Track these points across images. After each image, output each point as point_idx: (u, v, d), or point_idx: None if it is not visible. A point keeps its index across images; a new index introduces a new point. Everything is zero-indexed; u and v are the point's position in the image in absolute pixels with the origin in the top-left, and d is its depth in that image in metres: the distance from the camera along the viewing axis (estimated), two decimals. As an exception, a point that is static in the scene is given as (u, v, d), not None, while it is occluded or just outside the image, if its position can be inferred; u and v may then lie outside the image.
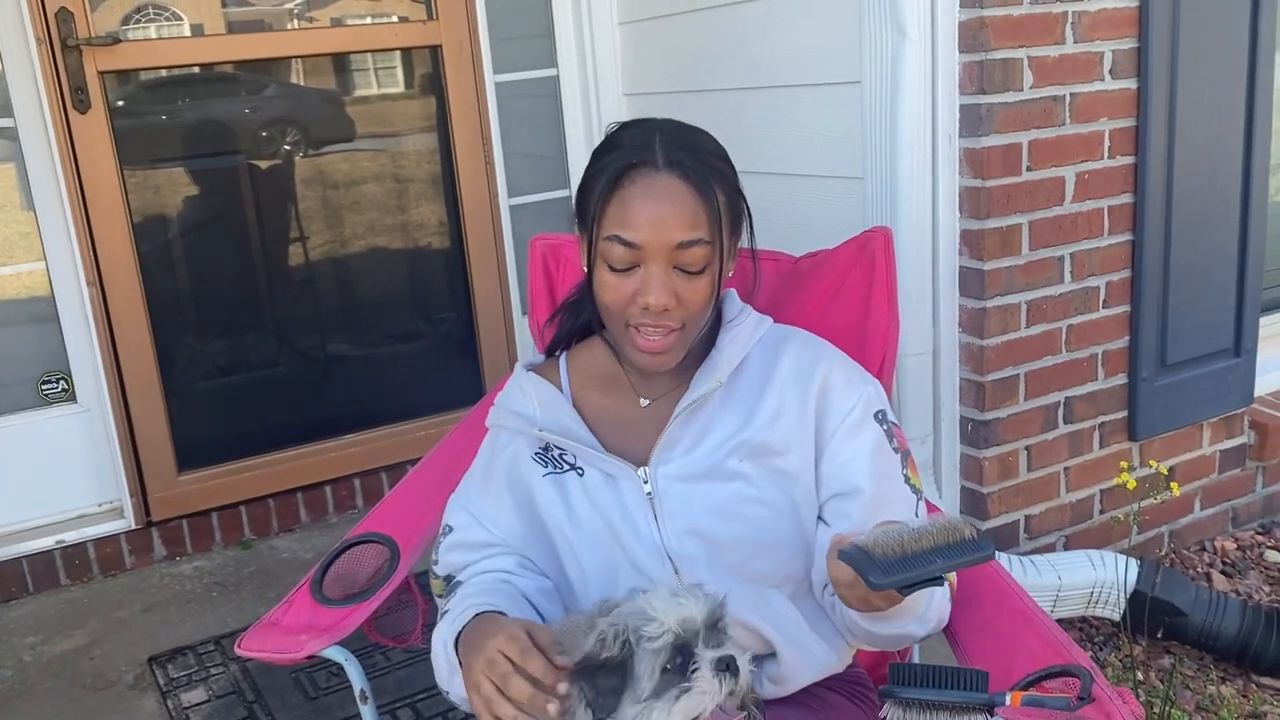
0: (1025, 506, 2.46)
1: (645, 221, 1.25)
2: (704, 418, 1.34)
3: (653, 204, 1.25)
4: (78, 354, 2.83)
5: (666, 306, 1.26)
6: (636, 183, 1.26)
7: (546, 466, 1.37)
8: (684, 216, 1.25)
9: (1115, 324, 2.48)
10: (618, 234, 1.26)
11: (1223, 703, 2.20)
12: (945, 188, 2.26)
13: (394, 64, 3.19)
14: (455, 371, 3.29)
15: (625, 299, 1.28)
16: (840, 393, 1.35)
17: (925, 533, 1.09)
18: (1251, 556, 2.76)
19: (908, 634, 1.29)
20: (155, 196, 2.90)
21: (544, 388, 1.40)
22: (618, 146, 1.30)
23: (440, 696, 2.21)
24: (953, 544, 1.08)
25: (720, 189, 1.29)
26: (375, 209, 3.17)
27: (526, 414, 1.38)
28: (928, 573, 1.06)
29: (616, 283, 1.28)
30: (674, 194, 1.25)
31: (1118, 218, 2.42)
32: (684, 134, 1.32)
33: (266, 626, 1.45)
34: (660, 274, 1.26)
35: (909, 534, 1.09)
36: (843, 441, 1.33)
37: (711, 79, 2.78)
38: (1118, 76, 2.34)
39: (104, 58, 2.71)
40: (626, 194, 1.26)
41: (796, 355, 1.37)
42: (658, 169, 1.26)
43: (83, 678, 2.42)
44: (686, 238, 1.25)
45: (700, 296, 1.29)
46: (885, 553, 1.08)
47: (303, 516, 3.08)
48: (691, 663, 1.10)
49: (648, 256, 1.26)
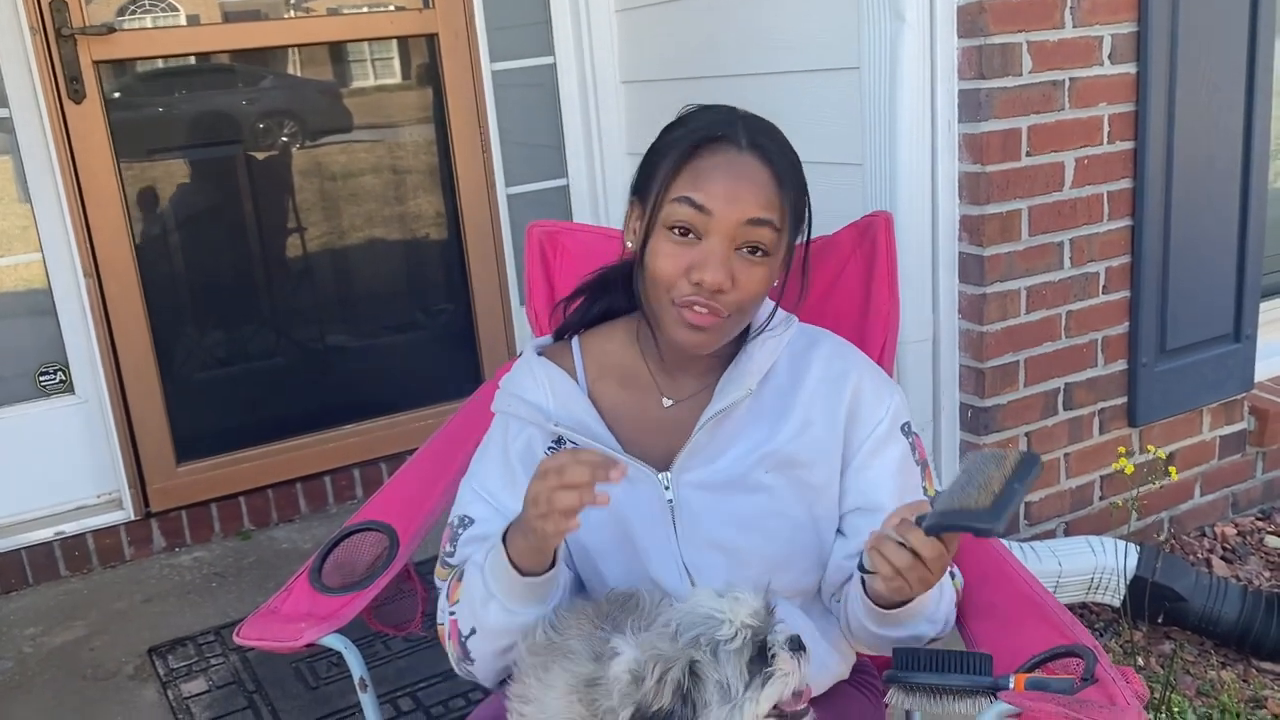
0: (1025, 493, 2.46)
1: (720, 191, 1.21)
2: (730, 426, 1.29)
3: (730, 177, 1.21)
4: (75, 345, 2.82)
5: (721, 286, 1.20)
6: (717, 154, 1.23)
7: None
8: (759, 196, 1.22)
9: (1115, 310, 2.48)
10: (689, 195, 1.21)
11: (1223, 687, 2.20)
12: (944, 173, 2.26)
13: (391, 54, 3.18)
14: (454, 361, 3.28)
15: (679, 271, 1.21)
16: (870, 405, 1.32)
17: (982, 475, 1.10)
18: (1252, 542, 2.76)
19: (917, 635, 1.26)
20: (152, 187, 2.89)
21: (557, 376, 1.33)
22: (694, 119, 1.27)
23: (440, 685, 2.22)
24: (1007, 470, 1.09)
25: (792, 186, 1.26)
26: (373, 199, 3.16)
27: (539, 404, 1.31)
28: (1019, 497, 1.07)
29: (674, 251, 1.22)
30: (753, 172, 1.22)
31: (1117, 203, 2.41)
32: (765, 124, 1.29)
33: (265, 615, 1.44)
34: (721, 251, 1.21)
35: (969, 485, 1.09)
36: (870, 455, 1.31)
37: (709, 66, 2.77)
38: (1117, 61, 2.33)
39: (99, 47, 2.70)
40: (704, 163, 1.22)
41: (826, 363, 1.34)
42: (740, 147, 1.23)
43: (83, 669, 2.41)
44: (760, 215, 1.21)
45: (755, 285, 1.24)
46: (965, 504, 1.08)
47: (302, 507, 3.08)
48: (768, 649, 1.10)
49: (714, 228, 1.21)
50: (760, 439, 1.29)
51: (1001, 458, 1.10)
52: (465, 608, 1.24)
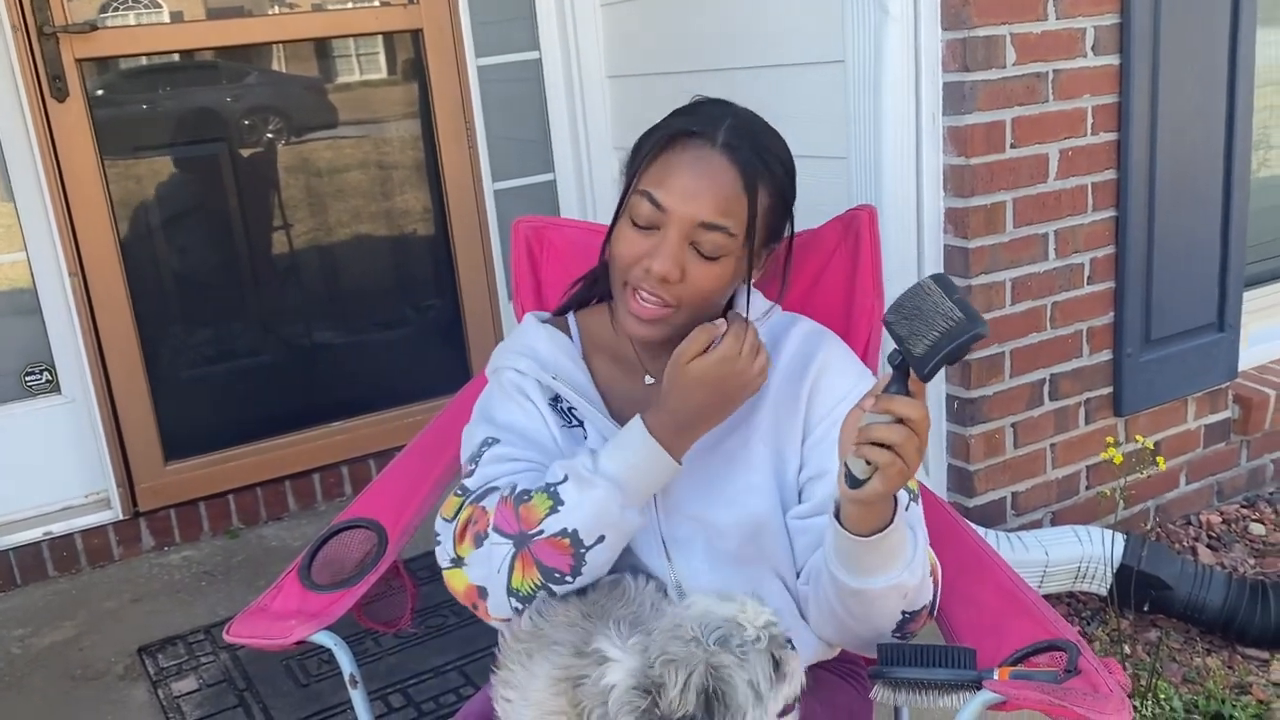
0: (1012, 483, 2.47)
1: (678, 188, 1.25)
2: None
3: (692, 175, 1.25)
4: (61, 345, 2.81)
5: (669, 276, 1.25)
6: (687, 151, 1.26)
7: (558, 418, 1.34)
8: (718, 199, 1.24)
9: (1100, 300, 2.49)
10: (650, 191, 1.26)
11: (1209, 674, 2.22)
12: (929, 166, 2.26)
13: (376, 49, 3.17)
14: (442, 357, 3.28)
15: (634, 256, 1.27)
16: (834, 379, 1.34)
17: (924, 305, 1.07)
18: (1237, 530, 2.78)
19: (897, 583, 1.19)
20: (137, 185, 2.88)
21: (558, 336, 1.39)
22: (689, 113, 1.31)
23: (431, 681, 2.23)
24: (935, 292, 1.07)
25: (766, 191, 1.28)
26: (359, 196, 3.15)
27: (539, 356, 1.35)
28: (968, 303, 1.04)
29: (633, 238, 1.28)
30: (716, 174, 1.25)
31: (1101, 194, 2.42)
32: (755, 126, 1.31)
33: (255, 613, 1.44)
34: (674, 244, 1.25)
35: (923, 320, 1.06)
36: (831, 426, 1.31)
37: (695, 60, 2.77)
38: (1100, 53, 2.34)
39: (81, 45, 2.69)
40: (672, 158, 1.26)
41: (800, 341, 1.37)
42: (712, 145, 1.26)
43: (72, 669, 2.41)
44: (711, 220, 1.25)
45: (705, 282, 1.27)
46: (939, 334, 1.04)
47: (291, 505, 3.08)
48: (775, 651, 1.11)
49: (669, 222, 1.25)
50: (739, 416, 1.31)
51: (922, 289, 1.08)
52: (590, 518, 1.18)
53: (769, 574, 1.32)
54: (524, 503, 1.20)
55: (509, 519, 1.20)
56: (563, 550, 1.19)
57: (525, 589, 1.21)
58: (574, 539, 1.19)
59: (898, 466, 1.08)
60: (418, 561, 2.17)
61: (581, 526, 1.19)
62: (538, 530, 1.19)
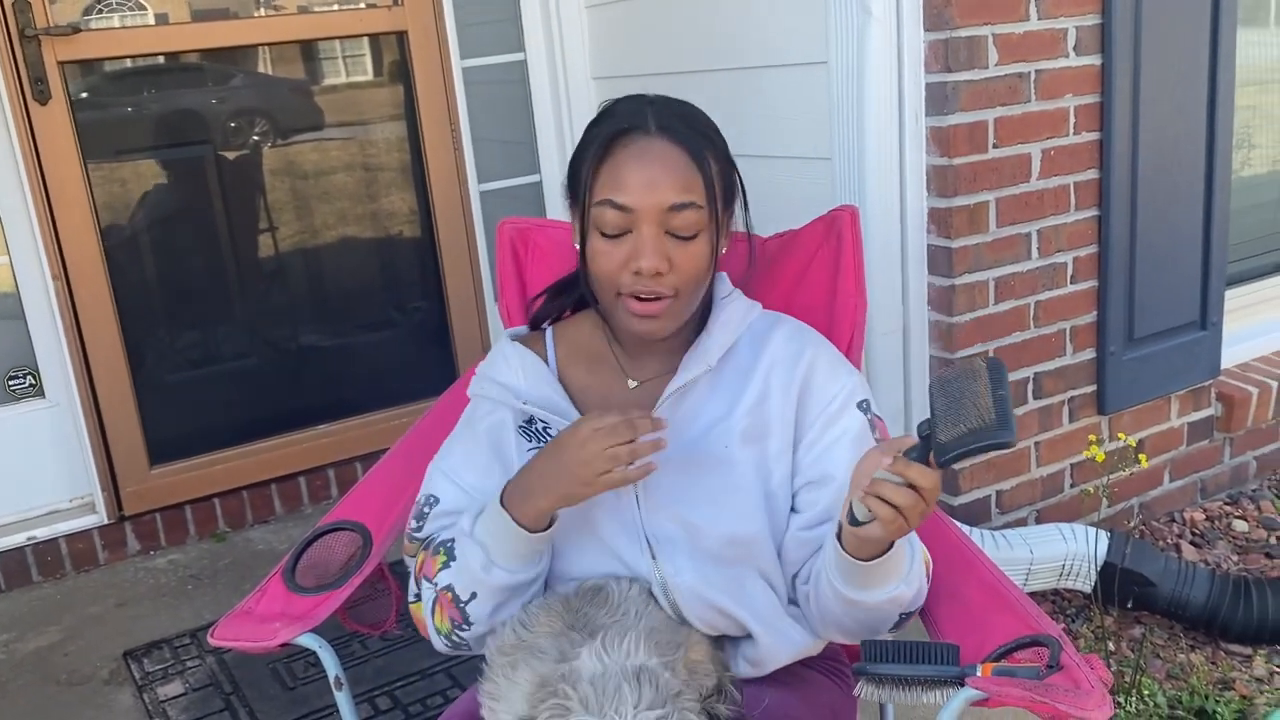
0: (996, 482, 2.48)
1: (636, 184, 1.25)
2: (691, 402, 1.33)
3: (643, 166, 1.25)
4: (44, 349, 2.80)
5: (659, 270, 1.25)
6: (628, 147, 1.26)
7: (530, 441, 1.36)
8: (676, 179, 1.26)
9: (1083, 299, 2.50)
10: (609, 198, 1.26)
11: (1192, 670, 2.23)
12: (912, 166, 2.27)
13: (361, 51, 3.17)
14: (428, 359, 3.28)
15: (618, 265, 1.27)
16: (823, 381, 1.34)
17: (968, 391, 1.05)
18: (1220, 526, 2.79)
19: (895, 596, 1.24)
20: (121, 189, 2.87)
21: (529, 358, 1.39)
22: (609, 116, 1.31)
23: (418, 684, 2.23)
24: (985, 381, 1.05)
25: (712, 158, 1.29)
26: (345, 198, 3.15)
27: (510, 384, 1.37)
28: (1010, 403, 1.03)
29: (609, 249, 1.27)
30: (665, 157, 1.26)
31: (1084, 193, 2.43)
32: (675, 104, 1.33)
33: (239, 616, 1.44)
34: (653, 237, 1.25)
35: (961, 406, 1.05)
36: (822, 430, 1.33)
37: (679, 61, 2.78)
38: (1082, 53, 2.35)
39: (64, 48, 2.68)
40: (618, 159, 1.26)
41: (785, 342, 1.37)
42: (649, 133, 1.27)
43: (57, 674, 2.40)
44: (679, 200, 1.25)
45: (694, 263, 1.28)
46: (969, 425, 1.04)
47: (277, 508, 3.07)
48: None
49: (639, 220, 1.25)
50: (720, 414, 1.33)
51: (974, 372, 1.07)
52: (463, 576, 1.28)
53: (753, 573, 1.33)
54: (432, 557, 1.31)
55: (429, 568, 1.32)
56: (450, 603, 1.29)
57: (444, 630, 1.31)
58: (454, 594, 1.28)
59: (899, 524, 1.11)
60: (403, 564, 2.17)
61: (456, 583, 1.28)
62: (434, 582, 1.30)
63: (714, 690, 1.29)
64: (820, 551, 1.30)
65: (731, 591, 1.30)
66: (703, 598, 1.29)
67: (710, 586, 1.29)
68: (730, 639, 1.35)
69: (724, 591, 1.30)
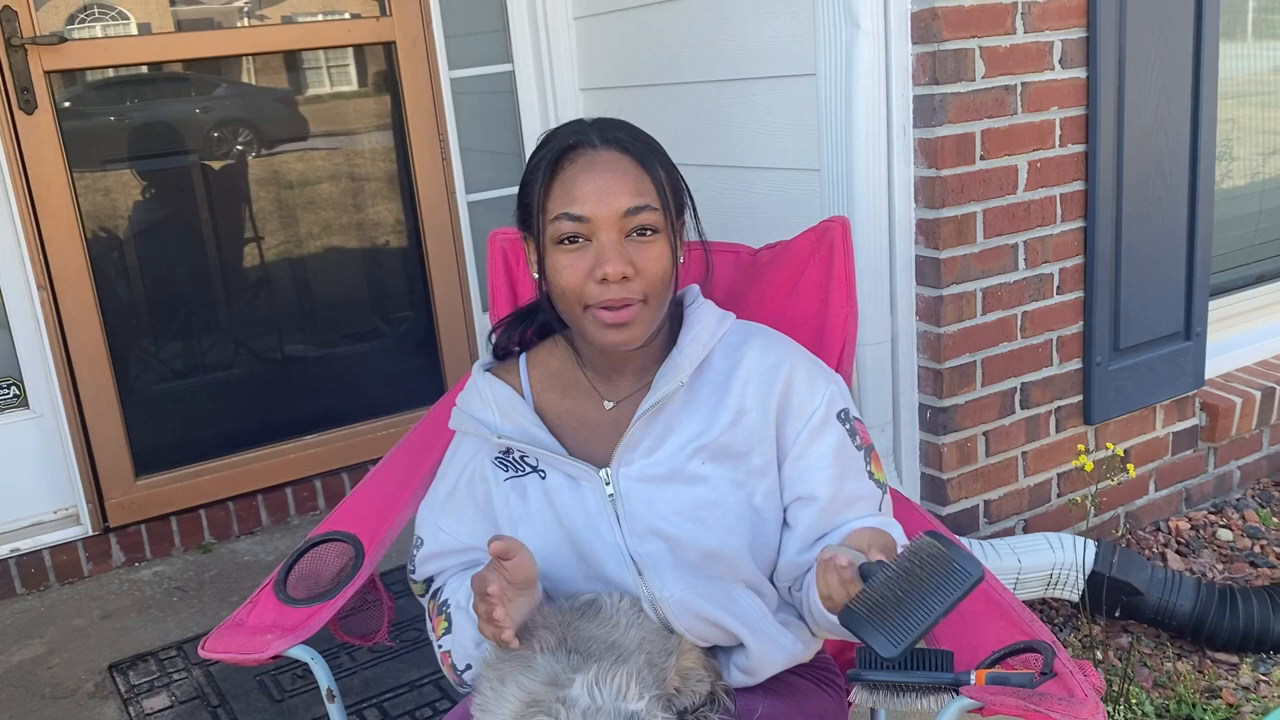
0: (984, 491, 2.50)
1: (590, 194, 1.26)
2: (666, 419, 1.33)
3: (594, 176, 1.27)
4: (29, 359, 2.78)
5: (625, 274, 1.26)
6: (576, 161, 1.28)
7: (508, 471, 1.37)
8: (627, 184, 1.27)
9: (1069, 310, 2.52)
10: (564, 211, 1.27)
11: (1179, 679, 2.24)
12: (900, 178, 2.29)
13: (347, 61, 3.16)
14: (416, 370, 3.27)
15: (582, 277, 1.27)
16: (803, 394, 1.34)
17: (912, 573, 1.07)
18: (1205, 535, 2.81)
19: None
20: (106, 198, 2.86)
21: (502, 390, 1.38)
22: (548, 141, 1.33)
23: (406, 695, 2.22)
24: (941, 574, 1.06)
25: (658, 163, 1.32)
26: (331, 208, 3.14)
27: (485, 420, 1.37)
28: (931, 623, 1.05)
29: (570, 262, 1.28)
30: (615, 165, 1.28)
31: (1070, 205, 2.45)
32: (614, 122, 1.35)
33: (231, 627, 1.43)
34: (614, 243, 1.26)
35: (898, 580, 1.08)
36: (805, 445, 1.33)
37: (668, 73, 2.79)
38: (1067, 66, 2.37)
39: (50, 57, 2.67)
40: (567, 174, 1.28)
41: (760, 354, 1.36)
42: (595, 146, 1.29)
43: (41, 687, 2.38)
44: (633, 204, 1.27)
45: (657, 264, 1.29)
46: (881, 608, 1.07)
47: (264, 519, 3.05)
48: None
49: (597, 228, 1.26)
50: (696, 431, 1.33)
51: (955, 576, 1.06)
52: (459, 649, 1.37)
53: (738, 585, 1.33)
54: (437, 616, 1.40)
55: (435, 626, 1.41)
56: (450, 668, 1.39)
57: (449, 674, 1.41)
58: (453, 660, 1.38)
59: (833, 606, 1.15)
60: (394, 575, 2.16)
61: (454, 651, 1.38)
62: (439, 644, 1.40)
63: (707, 698, 1.30)
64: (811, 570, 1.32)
65: (720, 601, 1.30)
66: (692, 609, 1.29)
67: (699, 597, 1.29)
68: (722, 649, 1.36)
69: (713, 602, 1.30)
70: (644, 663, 1.19)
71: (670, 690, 1.25)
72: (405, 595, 1.99)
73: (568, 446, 1.35)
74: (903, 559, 1.10)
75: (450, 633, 1.38)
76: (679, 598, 1.29)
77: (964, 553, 1.07)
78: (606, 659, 1.15)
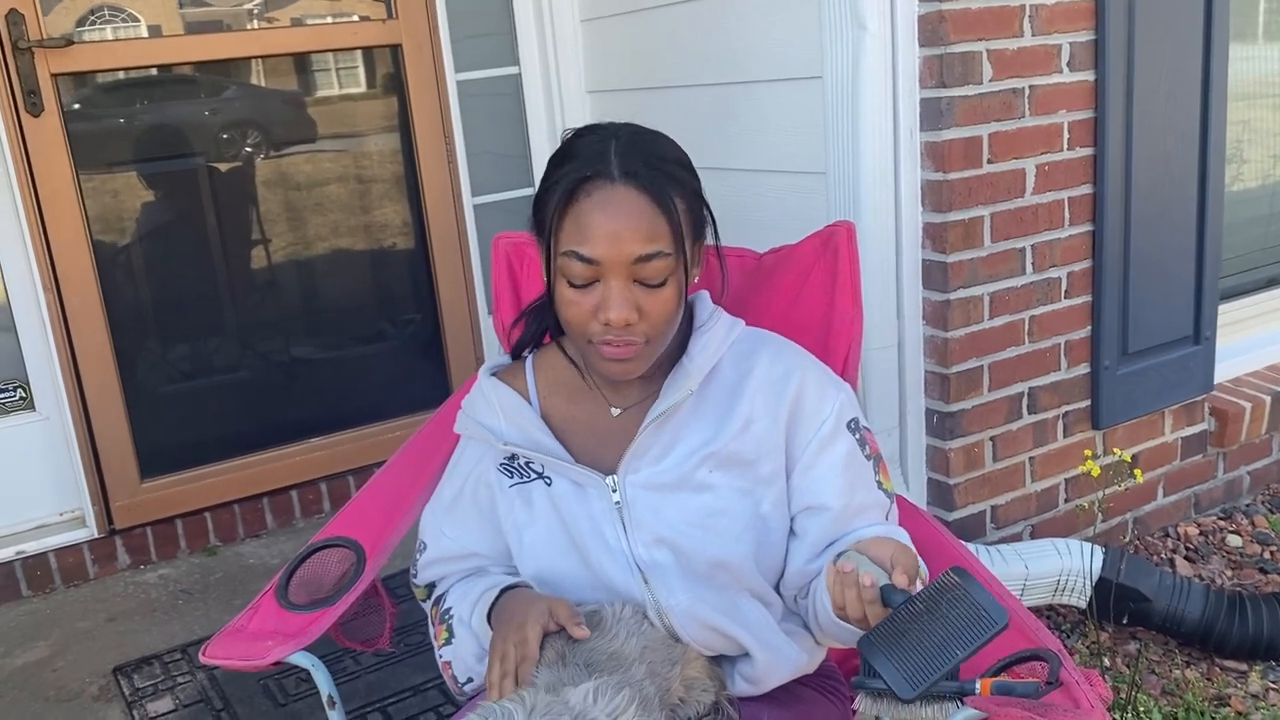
0: (991, 497, 2.48)
1: (601, 236, 1.21)
2: (674, 426, 1.32)
3: (608, 218, 1.21)
4: (35, 361, 2.78)
5: (628, 321, 1.23)
6: (592, 196, 1.22)
7: (513, 477, 1.36)
8: (641, 229, 1.22)
9: (1077, 314, 2.51)
10: (574, 249, 1.23)
11: (1188, 686, 2.23)
12: (907, 181, 2.28)
13: (355, 64, 3.16)
14: (421, 373, 3.27)
15: (587, 315, 1.25)
16: (813, 404, 1.33)
17: (936, 613, 1.06)
18: (1214, 541, 2.79)
19: None
20: (113, 201, 2.86)
21: (508, 396, 1.37)
22: (573, 156, 1.26)
23: (410, 700, 2.21)
24: (967, 619, 1.05)
25: (679, 197, 1.26)
26: (338, 210, 3.14)
27: (490, 426, 1.36)
28: (951, 669, 1.05)
29: (576, 299, 1.25)
30: (630, 206, 1.22)
31: (1078, 209, 2.44)
32: (641, 141, 1.28)
33: (231, 634, 1.43)
34: (620, 289, 1.23)
35: (921, 618, 1.07)
36: (815, 455, 1.32)
37: (674, 75, 2.78)
38: (1076, 68, 2.36)
39: (57, 60, 2.67)
40: (581, 208, 1.23)
41: (770, 363, 1.35)
42: (613, 181, 1.22)
43: (46, 690, 2.38)
44: (644, 251, 1.22)
45: (663, 309, 1.26)
46: (902, 645, 1.07)
47: (269, 522, 3.05)
48: None
49: (606, 272, 1.23)
50: (704, 439, 1.31)
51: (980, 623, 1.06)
52: (460, 662, 1.37)
53: (744, 594, 1.32)
54: (439, 624, 1.40)
55: (437, 634, 1.41)
56: (451, 679, 1.39)
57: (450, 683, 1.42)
58: (454, 671, 1.39)
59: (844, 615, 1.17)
60: (396, 580, 2.16)
61: (454, 663, 1.38)
62: (440, 653, 1.40)
63: (711, 708, 1.29)
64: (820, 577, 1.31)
65: (726, 610, 1.30)
66: (698, 618, 1.28)
67: (705, 606, 1.29)
68: (727, 658, 1.35)
69: (719, 610, 1.29)
70: (646, 674, 1.18)
71: (674, 701, 1.24)
72: (408, 600, 1.98)
73: (574, 453, 1.34)
74: (928, 596, 1.09)
75: (451, 644, 1.37)
76: (685, 606, 1.29)
77: (990, 598, 1.06)
78: (609, 673, 1.14)
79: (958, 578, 1.08)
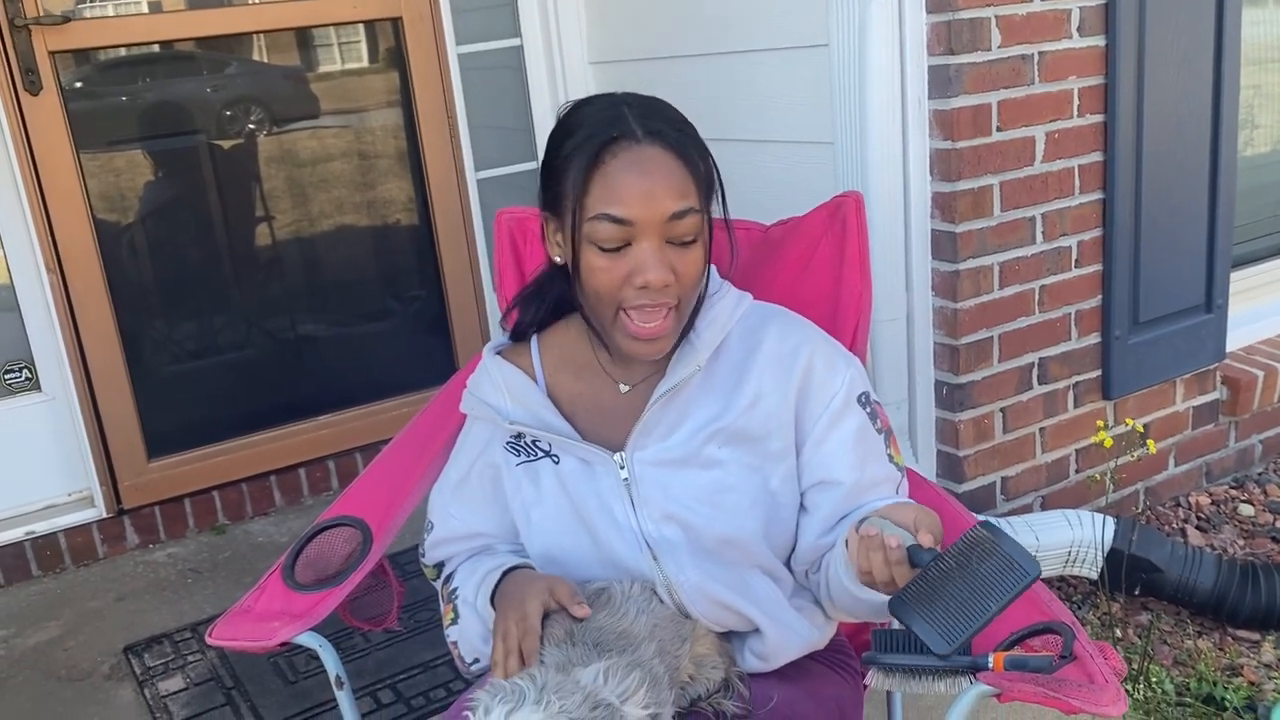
0: (1002, 468, 2.47)
1: (635, 196, 1.20)
2: (682, 402, 1.31)
3: (640, 177, 1.20)
4: (40, 342, 2.77)
5: (666, 282, 1.22)
6: (619, 156, 1.21)
7: (520, 455, 1.35)
8: (673, 186, 1.21)
9: (1087, 283, 2.48)
10: (606, 211, 1.20)
11: (1200, 656, 2.22)
12: (915, 150, 2.25)
13: (356, 38, 3.13)
14: (427, 349, 3.26)
15: (619, 281, 1.23)
16: (823, 379, 1.32)
17: (968, 567, 1.05)
18: (1226, 511, 2.78)
19: None
20: (115, 179, 2.84)
21: (513, 375, 1.36)
22: (584, 124, 1.24)
23: (420, 677, 2.21)
24: (999, 571, 1.04)
25: (697, 154, 1.26)
26: (341, 186, 3.12)
27: (496, 405, 1.35)
28: (986, 621, 1.03)
29: (608, 265, 1.22)
30: (660, 164, 1.21)
31: (1088, 177, 2.41)
32: (651, 104, 1.27)
33: (238, 614, 1.42)
34: (655, 249, 1.21)
35: (953, 573, 1.06)
36: (826, 430, 1.31)
37: (678, 45, 2.75)
38: (1085, 34, 2.32)
39: (54, 37, 2.64)
40: (610, 169, 1.21)
41: (779, 338, 1.34)
42: (639, 140, 1.21)
43: (57, 669, 2.39)
44: (678, 207, 1.21)
45: (695, 269, 1.25)
46: (934, 601, 1.06)
47: (277, 500, 3.05)
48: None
49: (640, 232, 1.21)
50: (713, 414, 1.30)
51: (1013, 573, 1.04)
52: (466, 643, 1.36)
53: (754, 570, 1.31)
54: (446, 603, 1.40)
55: (445, 613, 1.40)
56: (458, 658, 1.39)
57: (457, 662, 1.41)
58: (459, 652, 1.38)
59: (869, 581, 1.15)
60: (403, 557, 2.16)
61: (460, 643, 1.38)
62: (446, 633, 1.40)
63: (721, 684, 1.28)
64: (832, 553, 1.30)
65: (736, 586, 1.29)
66: (708, 594, 1.28)
67: (715, 582, 1.28)
68: (737, 634, 1.34)
69: (729, 586, 1.28)
70: (655, 652, 1.17)
71: (684, 678, 1.24)
72: (416, 577, 1.98)
73: (581, 430, 1.33)
74: (958, 550, 1.07)
75: (457, 624, 1.37)
76: (695, 582, 1.28)
77: (1021, 549, 1.04)
78: (620, 655, 1.13)
79: (987, 531, 1.07)
